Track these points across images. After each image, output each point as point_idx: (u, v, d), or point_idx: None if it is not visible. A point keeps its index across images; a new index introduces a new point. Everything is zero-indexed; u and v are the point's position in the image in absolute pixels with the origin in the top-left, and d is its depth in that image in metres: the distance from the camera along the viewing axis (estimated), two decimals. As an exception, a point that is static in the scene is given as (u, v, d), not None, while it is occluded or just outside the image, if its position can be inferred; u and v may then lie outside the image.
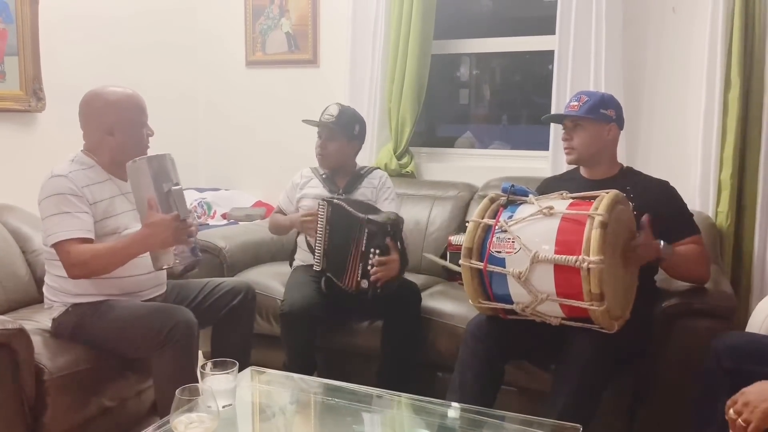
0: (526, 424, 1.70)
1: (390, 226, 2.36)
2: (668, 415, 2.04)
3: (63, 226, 1.96)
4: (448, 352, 2.33)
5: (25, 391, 1.86)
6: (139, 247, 1.98)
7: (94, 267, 1.97)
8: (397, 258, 2.36)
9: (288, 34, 3.65)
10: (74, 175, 2.03)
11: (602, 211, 1.80)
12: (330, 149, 2.66)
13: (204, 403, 1.48)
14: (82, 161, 2.10)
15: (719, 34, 2.65)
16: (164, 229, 1.92)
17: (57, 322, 2.10)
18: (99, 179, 2.09)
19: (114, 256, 1.97)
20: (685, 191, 2.30)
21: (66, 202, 1.98)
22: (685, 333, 2.01)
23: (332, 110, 2.66)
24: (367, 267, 2.36)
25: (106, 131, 2.08)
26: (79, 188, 2.01)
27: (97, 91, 2.11)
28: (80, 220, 1.98)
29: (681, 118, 2.86)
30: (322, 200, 2.51)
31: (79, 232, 1.97)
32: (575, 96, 2.25)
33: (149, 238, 1.95)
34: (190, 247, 2.02)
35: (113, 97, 2.09)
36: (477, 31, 3.43)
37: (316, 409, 1.95)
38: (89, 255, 1.96)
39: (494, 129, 3.75)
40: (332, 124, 2.63)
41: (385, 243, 2.35)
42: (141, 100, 2.13)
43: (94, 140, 2.12)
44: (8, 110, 2.88)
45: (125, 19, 3.42)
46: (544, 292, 1.85)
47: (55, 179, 2.01)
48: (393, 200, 2.71)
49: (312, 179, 2.76)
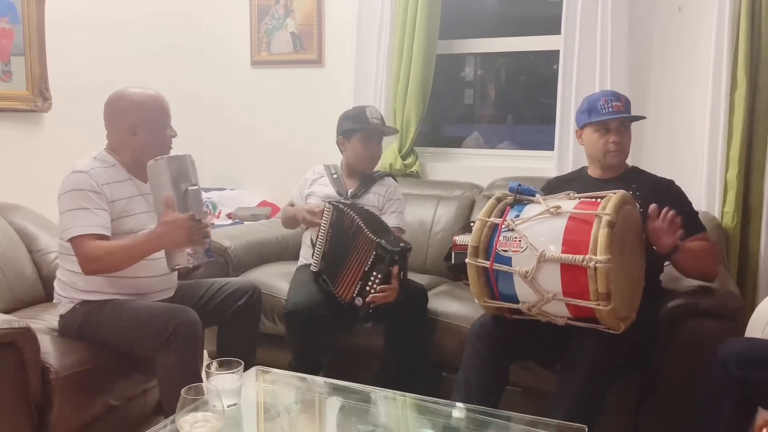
0: (531, 424, 1.69)
1: (399, 256, 2.33)
2: (674, 416, 2.03)
3: (80, 221, 1.97)
4: (453, 352, 2.33)
5: (31, 389, 1.86)
6: (154, 245, 1.99)
7: (108, 263, 1.98)
8: (396, 287, 2.32)
9: (293, 34, 3.65)
10: (95, 172, 2.04)
11: (610, 211, 1.79)
12: (381, 150, 2.75)
13: (209, 402, 1.49)
14: (104, 159, 2.11)
15: (725, 34, 2.64)
16: (179, 228, 1.93)
17: (64, 319, 2.11)
18: (120, 178, 2.10)
19: (128, 253, 1.99)
20: (691, 191, 2.29)
21: (85, 198, 1.99)
22: (691, 333, 2.00)
23: (375, 112, 2.70)
24: (365, 287, 2.34)
25: (129, 131, 2.09)
26: (99, 185, 2.02)
27: (121, 92, 2.12)
28: (98, 217, 1.99)
29: (687, 117, 2.85)
30: (329, 203, 2.51)
31: (96, 228, 1.98)
32: (614, 95, 2.24)
33: (164, 236, 1.96)
34: (205, 249, 2.02)
35: (137, 98, 2.10)
36: (482, 31, 3.43)
37: (321, 409, 1.95)
38: (103, 251, 1.97)
39: (499, 129, 3.74)
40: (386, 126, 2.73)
41: (389, 270, 2.32)
42: (165, 102, 2.15)
43: (117, 139, 2.12)
44: (14, 110, 2.89)
45: (131, 19, 3.43)
46: (551, 292, 1.85)
47: (76, 175, 2.02)
48: (399, 214, 2.70)
49: (322, 177, 2.76)
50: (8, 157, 2.88)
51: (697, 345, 1.98)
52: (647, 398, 2.11)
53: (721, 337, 1.87)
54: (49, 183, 2.30)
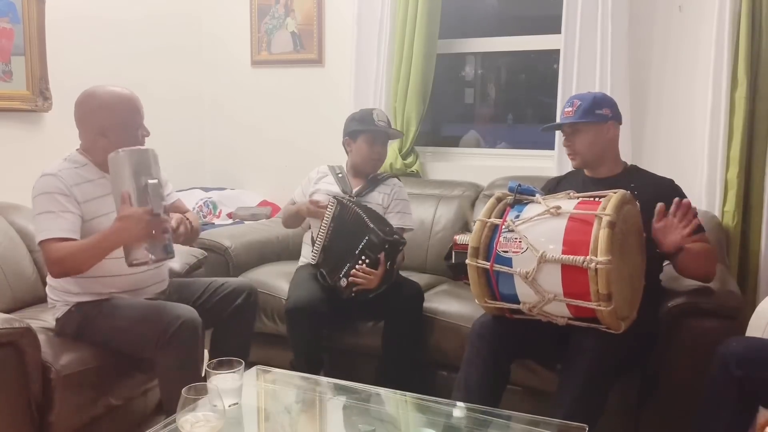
0: (532, 423, 1.69)
1: (388, 244, 2.37)
2: (674, 415, 2.03)
3: (46, 225, 1.95)
4: (453, 351, 2.33)
5: (31, 389, 1.86)
6: (112, 241, 1.93)
7: (70, 264, 1.95)
8: (379, 274, 2.36)
9: (293, 34, 3.65)
10: (64, 173, 2.02)
11: (610, 211, 1.79)
12: (385, 153, 2.76)
13: (210, 402, 1.49)
14: (74, 159, 2.09)
15: (726, 33, 2.64)
16: (136, 223, 1.88)
17: (60, 322, 2.10)
18: (91, 177, 2.07)
19: (88, 252, 1.94)
20: (691, 190, 2.29)
21: (52, 201, 1.97)
22: (691, 333, 2.00)
23: (381, 115, 2.70)
24: (352, 270, 2.38)
25: (99, 133, 2.05)
26: (67, 187, 1.99)
27: (90, 92, 2.07)
28: (64, 220, 1.96)
29: (687, 117, 2.85)
30: (334, 197, 2.52)
31: (60, 231, 1.95)
32: (568, 102, 2.25)
33: (121, 231, 1.90)
34: (164, 244, 1.95)
35: (106, 99, 2.05)
36: (482, 31, 3.43)
37: (321, 409, 1.95)
38: (65, 252, 1.93)
39: (499, 128, 3.74)
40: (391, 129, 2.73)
41: (377, 256, 2.36)
42: (135, 101, 2.09)
43: (87, 140, 2.10)
44: (15, 110, 2.89)
45: (131, 19, 3.43)
46: (551, 292, 1.85)
47: (44, 178, 2.00)
48: (404, 214, 2.70)
49: (327, 176, 2.77)
50: (8, 157, 2.88)
51: (697, 344, 1.98)
52: (648, 398, 2.11)
53: (721, 336, 1.87)
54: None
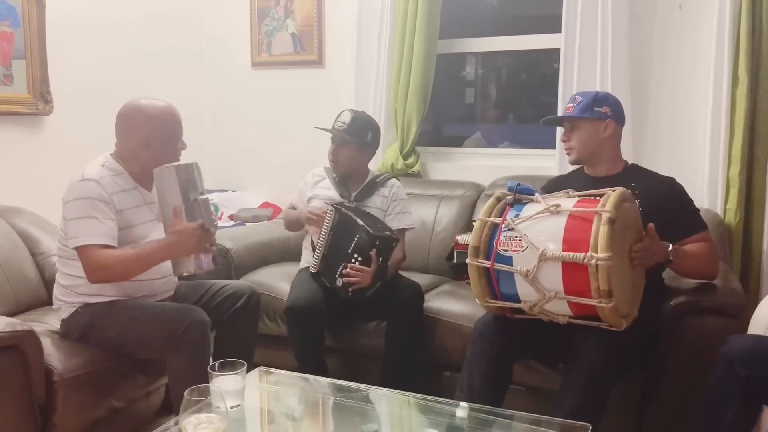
0: (535, 423, 1.69)
1: (379, 241, 2.37)
2: (677, 413, 2.03)
3: (88, 230, 1.97)
4: (455, 351, 2.33)
5: (34, 392, 1.87)
6: (164, 255, 2.01)
7: (117, 272, 1.99)
8: (371, 272, 2.36)
9: (293, 35, 3.65)
10: (105, 180, 2.04)
11: (609, 208, 1.79)
12: (341, 156, 2.65)
13: (213, 403, 1.49)
14: (112, 167, 2.10)
15: (726, 31, 2.64)
16: (189, 238, 1.96)
17: (66, 323, 2.11)
18: (126, 187, 2.10)
19: (137, 263, 2.00)
20: (693, 188, 2.29)
21: (94, 207, 1.99)
22: (694, 331, 2.00)
23: (345, 117, 2.64)
24: (345, 268, 2.38)
25: (143, 144, 2.08)
26: (108, 195, 2.02)
27: (135, 104, 2.10)
28: (106, 227, 1.99)
29: (688, 115, 2.85)
30: (332, 206, 2.51)
31: (104, 238, 1.98)
32: (571, 98, 2.27)
33: (174, 246, 1.98)
34: (211, 256, 2.07)
35: (153, 111, 2.09)
36: (482, 30, 3.43)
37: (324, 409, 1.95)
38: (113, 260, 1.97)
39: (500, 128, 3.74)
40: (344, 132, 2.61)
41: (368, 254, 2.36)
42: (178, 115, 2.15)
43: (128, 150, 2.11)
44: (16, 113, 2.89)
45: (131, 21, 3.43)
46: (552, 290, 1.85)
47: (85, 183, 2.01)
48: (405, 214, 2.69)
49: (324, 179, 2.75)
50: (10, 160, 2.88)
51: (700, 343, 1.98)
52: (651, 396, 2.10)
53: (724, 334, 1.87)
54: (51, 186, 2.30)
